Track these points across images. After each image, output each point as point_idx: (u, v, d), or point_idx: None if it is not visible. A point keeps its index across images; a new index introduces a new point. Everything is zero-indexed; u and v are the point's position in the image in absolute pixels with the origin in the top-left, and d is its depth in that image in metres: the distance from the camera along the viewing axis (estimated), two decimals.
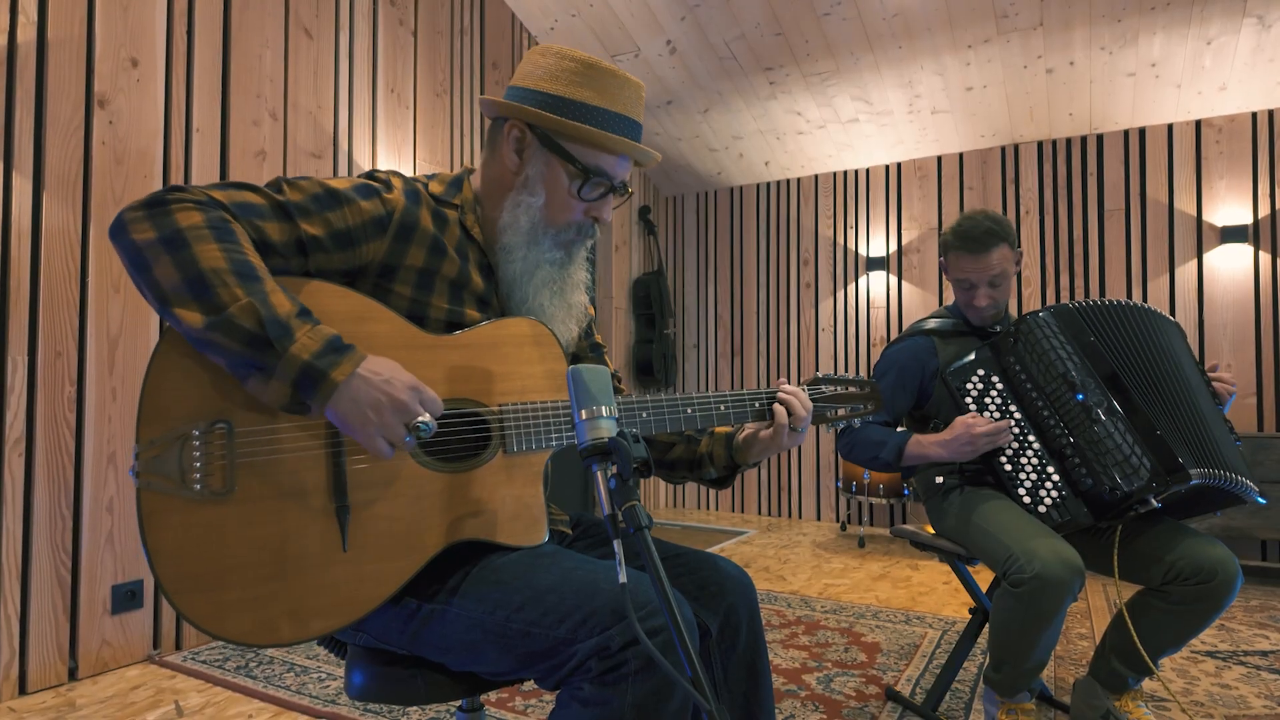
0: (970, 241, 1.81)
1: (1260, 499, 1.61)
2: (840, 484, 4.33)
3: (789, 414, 1.17)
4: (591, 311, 1.22)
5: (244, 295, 0.86)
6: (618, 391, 1.22)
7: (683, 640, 0.73)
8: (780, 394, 1.18)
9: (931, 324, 1.96)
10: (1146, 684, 2.17)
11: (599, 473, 0.81)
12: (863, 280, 4.80)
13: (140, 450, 0.87)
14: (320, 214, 0.99)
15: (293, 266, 0.98)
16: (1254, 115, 3.80)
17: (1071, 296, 4.20)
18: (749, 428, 1.22)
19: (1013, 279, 1.89)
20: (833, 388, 1.27)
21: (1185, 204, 3.95)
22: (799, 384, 1.25)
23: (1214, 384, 1.72)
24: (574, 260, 1.16)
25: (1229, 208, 3.85)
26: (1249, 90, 3.68)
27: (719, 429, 1.26)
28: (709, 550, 1.47)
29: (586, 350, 1.32)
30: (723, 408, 1.17)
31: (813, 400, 1.25)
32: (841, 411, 1.27)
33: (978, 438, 1.68)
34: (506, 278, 1.13)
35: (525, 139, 1.10)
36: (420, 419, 0.91)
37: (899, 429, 1.89)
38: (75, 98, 2.25)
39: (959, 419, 1.72)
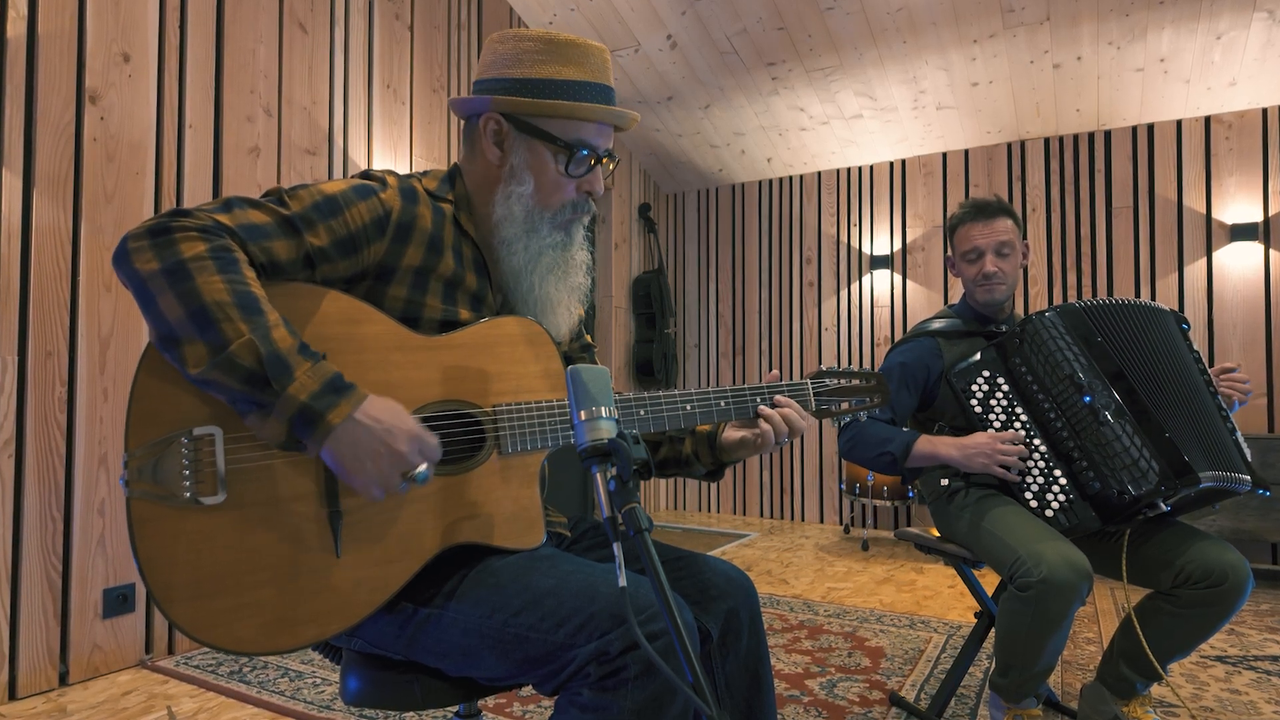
0: (978, 210, 1.87)
1: (1263, 491, 1.59)
2: (844, 486, 4.29)
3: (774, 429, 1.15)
4: (581, 313, 1.19)
5: (246, 331, 0.84)
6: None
7: (683, 644, 0.72)
8: (777, 408, 1.15)
9: (936, 325, 1.93)
10: (1155, 689, 2.14)
11: (598, 475, 0.80)
12: (866, 279, 4.77)
13: (129, 458, 0.86)
14: (323, 222, 0.98)
15: (300, 280, 0.97)
16: (1264, 111, 3.76)
17: (1079, 295, 4.16)
18: (736, 430, 1.18)
19: (1019, 263, 1.88)
20: (837, 380, 1.24)
21: (1194, 201, 3.91)
22: (803, 377, 1.23)
23: (1227, 386, 1.70)
24: (574, 241, 1.15)
25: (1239, 205, 3.81)
26: (1259, 86, 3.64)
27: (701, 427, 1.23)
28: (710, 553, 1.44)
29: (577, 351, 1.29)
30: (723, 404, 1.14)
31: (816, 394, 1.22)
32: (846, 405, 1.24)
33: (998, 452, 1.65)
34: (510, 270, 1.11)
35: (503, 130, 1.09)
36: (418, 469, 0.90)
37: (904, 430, 1.86)
38: (66, 93, 2.22)
39: (983, 433, 1.69)
